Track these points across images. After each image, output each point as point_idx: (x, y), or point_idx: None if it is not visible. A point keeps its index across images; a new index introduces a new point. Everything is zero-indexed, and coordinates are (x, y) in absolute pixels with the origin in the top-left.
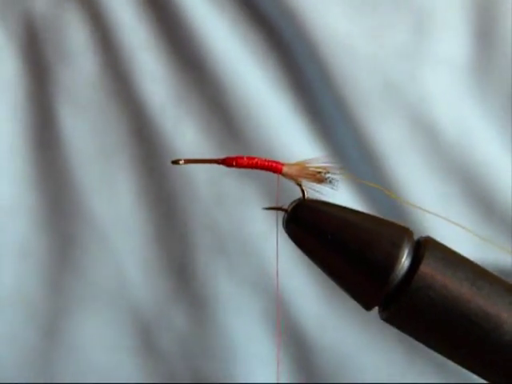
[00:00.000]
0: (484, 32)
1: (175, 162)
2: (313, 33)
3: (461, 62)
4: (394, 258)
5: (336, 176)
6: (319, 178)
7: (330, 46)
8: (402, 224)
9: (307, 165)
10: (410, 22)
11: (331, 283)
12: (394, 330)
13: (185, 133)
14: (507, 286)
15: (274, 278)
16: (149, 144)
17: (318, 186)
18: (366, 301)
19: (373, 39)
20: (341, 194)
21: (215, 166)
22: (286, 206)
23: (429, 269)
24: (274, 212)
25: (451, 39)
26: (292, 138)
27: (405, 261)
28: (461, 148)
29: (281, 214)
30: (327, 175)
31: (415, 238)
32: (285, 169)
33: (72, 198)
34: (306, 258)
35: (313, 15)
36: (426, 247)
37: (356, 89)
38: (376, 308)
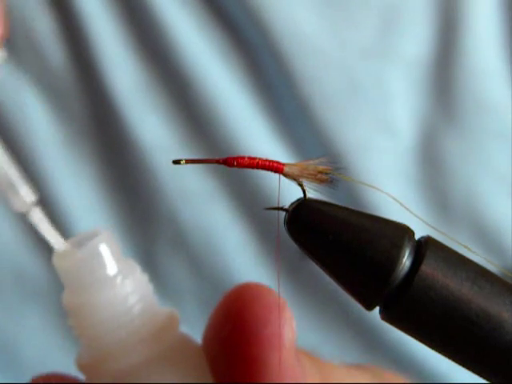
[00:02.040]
0: (450, 29)
1: (176, 162)
2: (276, 31)
3: (426, 61)
4: (395, 258)
5: (337, 176)
6: (320, 178)
7: (293, 44)
8: (403, 224)
9: (308, 165)
10: (375, 20)
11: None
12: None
13: (149, 124)
14: (508, 285)
15: (235, 274)
16: (113, 134)
17: (319, 186)
18: (366, 301)
19: (337, 38)
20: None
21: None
22: (286, 206)
23: (430, 269)
24: (236, 206)
25: (417, 37)
26: (254, 136)
27: (406, 261)
28: (422, 151)
29: (281, 214)
30: (328, 175)
31: (416, 237)
32: (286, 169)
33: (36, 186)
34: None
35: (276, 13)
36: (426, 247)
37: (319, 88)
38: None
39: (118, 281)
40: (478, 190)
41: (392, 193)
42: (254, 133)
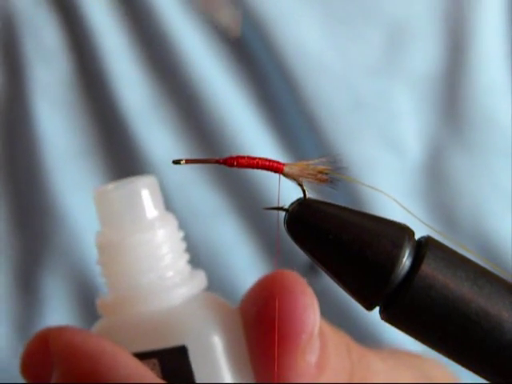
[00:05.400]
0: (458, 46)
1: (176, 162)
2: (282, 47)
3: (433, 77)
4: (395, 258)
5: (337, 176)
6: (320, 178)
7: (299, 60)
8: (403, 224)
9: (308, 165)
10: (381, 36)
11: None
12: None
13: (158, 138)
14: (508, 285)
15: (244, 290)
16: (122, 147)
17: (318, 186)
18: (366, 301)
19: (343, 54)
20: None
21: (188, 178)
22: (286, 206)
23: (430, 269)
24: (244, 223)
25: (423, 54)
26: (261, 151)
27: (406, 261)
28: (429, 168)
29: (281, 214)
30: (328, 175)
31: (416, 237)
32: (286, 169)
33: (45, 198)
34: None
35: (283, 31)
36: (427, 247)
37: (325, 105)
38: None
39: (153, 226)
40: (484, 207)
41: (395, 209)
42: (261, 148)
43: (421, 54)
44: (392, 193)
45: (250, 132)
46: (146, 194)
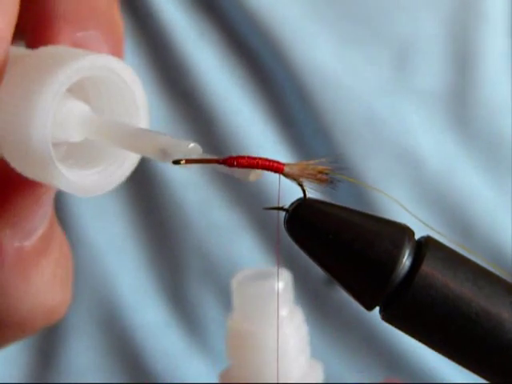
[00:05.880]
0: (465, 63)
1: (176, 162)
2: (299, 67)
3: (442, 93)
4: (395, 258)
5: (337, 177)
6: (320, 178)
7: (315, 79)
8: (404, 224)
9: (308, 165)
10: (391, 55)
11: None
12: None
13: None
14: (508, 285)
15: None
16: (140, 170)
17: (319, 187)
18: (366, 301)
19: (356, 73)
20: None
21: (206, 196)
22: (286, 206)
23: (430, 268)
24: (262, 238)
25: (432, 72)
26: None
27: (406, 261)
28: (443, 180)
29: (281, 214)
30: (328, 176)
31: (416, 237)
32: (286, 168)
33: (65, 223)
34: None
35: (298, 49)
36: (427, 247)
37: (339, 121)
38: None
39: (283, 322)
40: (496, 218)
41: (410, 220)
42: None
43: (428, 71)
44: (407, 203)
45: (267, 149)
46: (280, 291)
